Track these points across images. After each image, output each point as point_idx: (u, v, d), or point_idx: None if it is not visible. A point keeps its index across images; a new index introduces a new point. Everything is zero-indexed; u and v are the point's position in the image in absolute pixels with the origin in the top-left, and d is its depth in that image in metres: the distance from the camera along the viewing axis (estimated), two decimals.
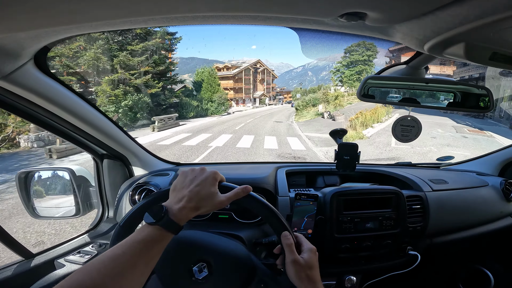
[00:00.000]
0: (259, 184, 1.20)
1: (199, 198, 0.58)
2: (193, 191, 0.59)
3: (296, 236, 0.68)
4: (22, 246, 1.04)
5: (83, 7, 0.45)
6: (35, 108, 0.85)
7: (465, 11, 0.43)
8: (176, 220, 0.55)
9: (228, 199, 0.62)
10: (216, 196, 0.61)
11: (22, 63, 0.71)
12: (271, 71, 70.66)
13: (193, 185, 0.60)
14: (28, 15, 0.46)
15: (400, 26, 0.56)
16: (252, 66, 57.69)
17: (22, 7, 0.42)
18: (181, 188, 0.61)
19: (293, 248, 0.62)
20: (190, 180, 0.61)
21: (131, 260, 0.48)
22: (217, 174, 0.64)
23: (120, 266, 0.47)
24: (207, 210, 0.60)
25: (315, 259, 0.64)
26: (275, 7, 0.49)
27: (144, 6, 0.46)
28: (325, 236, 1.08)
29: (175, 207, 0.56)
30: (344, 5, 0.47)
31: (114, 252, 0.49)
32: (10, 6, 0.41)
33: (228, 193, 0.63)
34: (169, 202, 0.59)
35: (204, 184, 0.60)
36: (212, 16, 0.53)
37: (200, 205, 0.58)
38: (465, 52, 0.58)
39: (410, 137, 1.02)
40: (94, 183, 1.27)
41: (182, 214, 0.56)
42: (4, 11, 0.43)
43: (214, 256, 0.73)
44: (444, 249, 1.36)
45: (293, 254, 0.61)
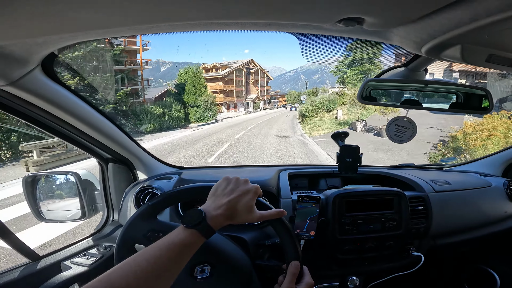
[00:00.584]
0: (263, 187, 1.20)
1: (236, 209, 0.60)
2: (232, 201, 0.60)
3: (304, 268, 0.69)
4: (29, 248, 1.06)
5: (90, 15, 0.46)
6: (42, 113, 0.87)
7: (459, 14, 0.44)
8: (212, 225, 0.56)
9: (261, 217, 0.63)
10: (253, 210, 0.62)
11: (30, 69, 0.73)
12: (265, 72, 64.88)
13: (234, 195, 0.61)
14: (36, 22, 0.48)
15: (397, 30, 0.58)
16: (244, 66, 51.56)
17: (30, 15, 0.44)
18: (222, 195, 0.62)
19: (294, 278, 0.63)
20: (232, 189, 0.62)
21: (167, 263, 0.49)
22: (258, 189, 0.65)
23: (156, 269, 0.47)
24: (239, 222, 0.61)
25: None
26: (275, 14, 0.51)
27: (149, 14, 0.48)
28: (328, 237, 1.09)
29: (213, 213, 0.57)
30: (341, 11, 0.48)
31: (151, 254, 0.49)
32: (19, 13, 0.42)
33: (264, 211, 0.64)
34: (207, 206, 0.60)
35: (244, 196, 0.61)
36: (214, 23, 0.55)
37: (235, 216, 0.60)
38: (462, 54, 0.59)
39: (403, 138, 1.02)
40: (99, 186, 1.29)
41: (218, 221, 0.57)
42: (13, 19, 0.44)
43: (218, 260, 0.74)
44: (448, 250, 1.36)
45: (290, 283, 0.62)
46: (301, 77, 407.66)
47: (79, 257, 1.15)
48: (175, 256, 0.50)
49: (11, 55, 0.64)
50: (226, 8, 0.48)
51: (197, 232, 0.54)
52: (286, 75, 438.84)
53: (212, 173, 1.51)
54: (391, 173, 1.47)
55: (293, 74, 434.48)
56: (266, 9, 0.48)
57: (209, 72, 46.06)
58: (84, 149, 1.13)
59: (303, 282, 0.64)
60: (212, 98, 30.83)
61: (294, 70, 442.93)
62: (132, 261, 0.47)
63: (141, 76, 25.33)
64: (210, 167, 1.79)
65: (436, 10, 0.46)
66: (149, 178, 1.36)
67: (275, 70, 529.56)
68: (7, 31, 0.50)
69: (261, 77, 61.09)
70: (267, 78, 67.42)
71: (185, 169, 1.56)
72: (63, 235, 3.92)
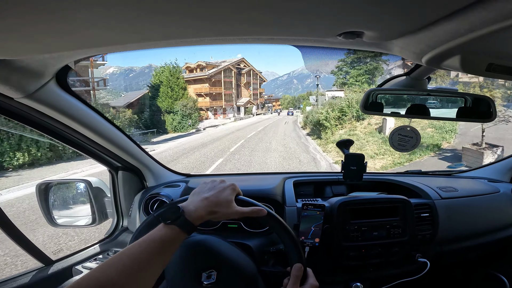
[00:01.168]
0: (267, 195, 1.23)
1: (216, 203, 0.62)
2: (211, 198, 0.63)
3: (308, 270, 0.70)
4: (42, 252, 1.09)
5: (103, 32, 0.49)
6: (55, 123, 0.91)
7: (455, 26, 0.45)
8: (191, 219, 0.58)
9: (242, 213, 0.65)
10: (232, 205, 0.64)
11: (45, 82, 0.76)
12: (259, 73, 55.65)
13: (213, 191, 0.64)
14: (53, 39, 0.50)
15: (396, 41, 0.59)
16: (234, 66, 44.39)
17: (48, 32, 0.47)
18: (200, 192, 0.65)
19: (298, 281, 0.64)
20: (210, 188, 0.66)
21: (148, 258, 0.51)
22: (235, 185, 0.68)
23: (137, 264, 0.49)
24: (220, 217, 0.63)
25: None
26: (276, 30, 0.53)
27: (156, 32, 0.51)
28: (333, 244, 1.09)
29: (192, 209, 0.59)
30: (341, 25, 0.50)
31: (132, 250, 0.51)
32: (38, 30, 0.45)
33: (244, 208, 0.66)
34: (186, 203, 0.62)
35: (222, 192, 0.65)
36: (219, 39, 0.58)
37: (216, 210, 0.62)
38: (462, 64, 0.60)
39: (407, 147, 1.03)
40: (110, 194, 1.33)
41: (197, 214, 0.59)
42: (32, 35, 0.47)
43: (225, 266, 0.76)
44: (455, 256, 1.34)
45: (294, 285, 0.63)
46: (294, 81, 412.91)
47: (89, 262, 1.19)
48: (156, 251, 0.52)
49: (27, 68, 0.68)
50: (232, 26, 0.50)
51: (176, 227, 0.56)
52: (279, 80, 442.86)
53: None
54: (396, 180, 1.47)
55: (285, 78, 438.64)
56: (269, 27, 0.51)
57: (193, 72, 40.11)
58: (95, 158, 1.16)
59: (307, 284, 0.66)
60: (193, 102, 25.41)
61: (286, 75, 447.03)
62: (115, 258, 0.49)
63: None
64: (217, 175, 1.81)
65: (433, 22, 0.47)
66: (157, 185, 1.40)
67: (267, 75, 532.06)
68: (26, 46, 0.53)
69: (254, 79, 53.15)
70: (260, 80, 58.72)
71: (192, 176, 1.59)
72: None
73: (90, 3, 0.37)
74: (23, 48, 0.54)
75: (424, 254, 1.18)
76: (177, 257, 0.73)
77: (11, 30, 0.44)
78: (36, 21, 0.41)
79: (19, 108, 0.79)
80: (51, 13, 0.39)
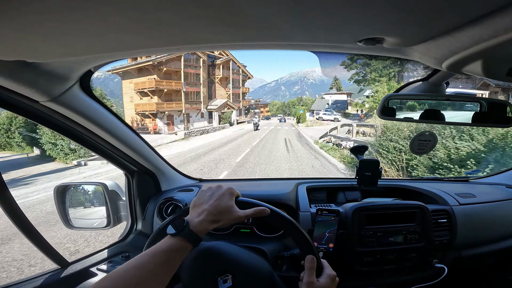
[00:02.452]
0: (281, 201, 1.24)
1: (217, 211, 0.63)
2: (212, 205, 0.64)
3: (322, 261, 0.70)
4: (59, 254, 1.11)
5: (129, 36, 0.51)
6: (77, 127, 0.93)
7: (479, 31, 0.45)
8: (196, 231, 0.59)
9: (246, 215, 0.66)
10: (234, 209, 0.65)
11: (69, 86, 0.78)
12: (242, 66, 40.98)
13: (211, 200, 0.65)
14: (85, 42, 0.52)
15: (417, 46, 0.58)
16: (204, 52, 28.02)
17: (81, 35, 0.48)
18: (200, 204, 0.66)
19: (313, 272, 0.65)
20: (209, 196, 0.67)
21: (154, 269, 0.52)
22: (232, 189, 0.69)
23: (144, 274, 0.51)
24: (225, 223, 0.64)
25: (331, 285, 0.65)
26: (297, 36, 0.54)
27: (182, 37, 0.52)
28: (347, 250, 1.09)
29: (195, 220, 0.61)
30: (362, 32, 0.50)
31: (139, 261, 0.53)
32: (70, 33, 0.47)
33: (247, 210, 0.67)
34: (190, 216, 0.64)
35: (221, 198, 0.65)
36: (238, 44, 0.58)
37: (219, 218, 0.63)
38: (483, 69, 0.59)
39: (426, 150, 1.04)
40: (125, 197, 1.35)
41: (202, 226, 0.60)
42: (64, 38, 0.49)
43: (239, 269, 0.76)
44: (473, 262, 1.32)
45: (310, 277, 0.64)
46: (282, 88, 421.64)
47: (104, 264, 1.20)
48: (161, 262, 0.54)
49: (54, 72, 0.70)
50: (255, 32, 0.51)
51: (181, 238, 0.57)
52: (267, 86, 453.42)
53: (234, 186, 1.53)
54: (412, 186, 1.45)
55: (273, 85, 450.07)
56: (290, 33, 0.52)
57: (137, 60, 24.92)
58: (112, 161, 1.19)
59: (324, 274, 0.66)
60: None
61: (274, 81, 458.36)
62: (123, 268, 0.51)
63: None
64: (230, 180, 1.81)
65: (457, 28, 0.47)
66: (171, 189, 1.41)
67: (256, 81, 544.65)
68: (58, 49, 0.55)
69: (235, 74, 39.16)
70: (244, 75, 42.85)
71: (204, 181, 1.60)
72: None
73: (128, 7, 0.38)
74: (55, 51, 0.55)
75: (441, 259, 1.18)
76: (189, 265, 0.73)
77: (47, 33, 0.45)
78: (72, 24, 0.42)
79: (43, 111, 0.81)
80: (87, 16, 0.40)
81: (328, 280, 0.65)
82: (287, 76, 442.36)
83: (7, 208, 0.86)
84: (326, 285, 0.64)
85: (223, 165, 9.94)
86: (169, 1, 0.37)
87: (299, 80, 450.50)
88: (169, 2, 0.37)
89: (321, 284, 0.64)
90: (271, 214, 0.69)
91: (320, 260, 0.69)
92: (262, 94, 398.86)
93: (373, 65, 23.05)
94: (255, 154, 12.05)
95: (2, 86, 0.67)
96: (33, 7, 0.36)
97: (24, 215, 0.95)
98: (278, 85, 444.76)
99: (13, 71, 0.62)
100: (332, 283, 0.65)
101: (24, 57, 0.58)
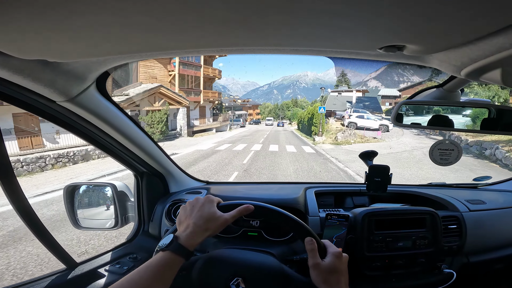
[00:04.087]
0: (291, 205, 1.24)
1: (203, 220, 0.65)
2: (195, 217, 0.66)
3: (323, 242, 0.71)
4: (68, 255, 1.11)
5: (156, 38, 0.51)
6: (90, 127, 0.94)
7: (501, 40, 0.45)
8: (186, 245, 0.61)
9: (231, 216, 0.68)
10: (218, 215, 0.67)
11: (86, 86, 0.79)
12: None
13: (194, 213, 0.67)
14: (108, 43, 0.52)
15: (437, 54, 0.59)
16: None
17: (104, 37, 0.48)
18: (185, 219, 0.68)
19: (315, 253, 0.66)
20: (190, 209, 0.69)
21: (146, 283, 0.55)
22: (211, 197, 0.72)
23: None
24: (215, 229, 0.66)
25: (338, 263, 0.66)
26: (317, 42, 0.54)
27: (206, 41, 0.53)
28: (356, 254, 1.08)
29: (183, 235, 0.63)
30: (384, 39, 0.50)
31: (132, 277, 0.55)
32: (94, 35, 0.47)
33: (232, 211, 0.69)
34: (178, 232, 0.66)
35: (202, 208, 0.68)
36: (260, 49, 0.59)
37: (206, 227, 0.65)
38: (502, 77, 0.59)
39: (450, 160, 1.02)
40: (133, 198, 1.35)
41: (191, 239, 0.63)
42: (87, 39, 0.49)
43: (248, 270, 0.76)
44: (482, 267, 1.32)
45: (313, 259, 0.65)
46: (274, 92, 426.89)
47: (112, 265, 1.20)
48: (153, 276, 0.56)
49: (73, 72, 0.71)
50: (274, 38, 0.51)
51: (171, 252, 0.60)
52: (259, 90, 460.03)
53: (242, 189, 1.54)
54: (421, 192, 1.45)
55: (266, 88, 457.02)
56: (314, 40, 0.52)
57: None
58: (123, 162, 1.19)
59: (328, 254, 0.67)
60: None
61: (267, 85, 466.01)
62: (117, 285, 0.54)
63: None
64: (238, 183, 1.81)
65: (479, 37, 0.47)
66: (180, 191, 1.42)
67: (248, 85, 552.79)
68: (81, 49, 0.55)
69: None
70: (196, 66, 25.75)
71: (212, 183, 1.60)
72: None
73: (156, 10, 0.38)
74: (78, 51, 0.56)
75: (450, 265, 1.18)
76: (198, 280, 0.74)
77: (74, 34, 0.46)
78: (100, 25, 0.43)
79: (59, 111, 0.82)
80: (115, 16, 0.40)
81: (333, 258, 0.66)
82: (279, 80, 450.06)
83: (18, 206, 0.86)
84: (332, 264, 0.65)
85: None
86: (196, 4, 0.37)
87: (292, 84, 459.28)
88: (196, 4, 0.37)
89: (327, 263, 0.64)
90: (256, 209, 0.70)
91: (320, 241, 0.69)
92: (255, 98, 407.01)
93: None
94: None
95: (20, 86, 0.67)
96: (64, 8, 0.36)
97: (34, 214, 0.95)
98: (270, 88, 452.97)
99: (32, 70, 0.63)
100: (339, 260, 0.66)
101: (46, 57, 0.58)
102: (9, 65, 0.58)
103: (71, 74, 0.70)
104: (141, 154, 1.17)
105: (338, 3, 0.36)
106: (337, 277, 0.64)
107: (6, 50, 0.51)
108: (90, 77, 0.76)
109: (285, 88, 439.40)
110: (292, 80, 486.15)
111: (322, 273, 0.63)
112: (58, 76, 0.68)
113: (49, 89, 0.70)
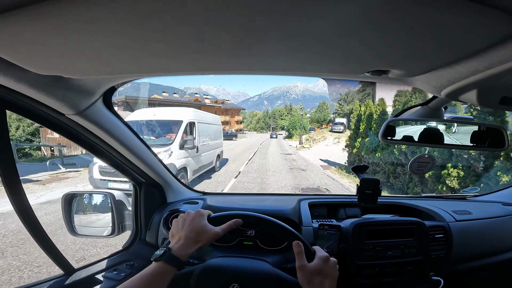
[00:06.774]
0: (285, 215, 1.28)
1: (194, 233, 0.70)
2: (187, 230, 0.71)
3: (313, 248, 0.75)
4: (66, 260, 1.12)
5: (167, 61, 0.55)
6: (94, 139, 0.98)
7: (475, 63, 0.50)
8: (178, 256, 0.65)
9: (222, 230, 0.73)
10: (208, 228, 0.72)
11: (94, 100, 0.83)
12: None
13: (185, 226, 0.72)
14: (123, 64, 0.56)
15: (419, 76, 0.64)
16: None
17: (120, 58, 0.52)
18: (177, 232, 0.73)
19: (302, 256, 0.69)
20: (182, 223, 0.74)
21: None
22: (201, 210, 0.77)
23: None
24: (207, 241, 0.70)
25: (323, 266, 0.69)
26: (309, 67, 0.60)
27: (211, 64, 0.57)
28: (347, 263, 1.12)
29: (175, 246, 0.68)
30: (370, 65, 0.56)
31: (127, 285, 0.59)
32: (111, 56, 0.50)
33: (223, 225, 0.74)
34: (171, 244, 0.70)
35: (193, 222, 0.72)
36: (257, 72, 0.64)
37: (198, 239, 0.70)
38: (478, 97, 0.64)
39: (425, 171, 1.10)
40: (131, 207, 1.38)
41: (183, 251, 0.67)
42: (104, 59, 0.52)
43: (244, 277, 0.79)
44: (469, 275, 1.36)
45: (300, 261, 0.69)
46: (264, 102, 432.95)
47: (109, 272, 1.22)
48: (147, 284, 0.60)
49: (83, 87, 0.74)
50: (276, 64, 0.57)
51: (164, 262, 0.63)
52: (250, 101, 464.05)
53: (238, 200, 1.57)
54: (410, 203, 1.50)
55: (256, 99, 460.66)
56: (310, 66, 0.57)
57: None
58: (123, 172, 1.22)
59: (316, 257, 0.71)
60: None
61: (257, 96, 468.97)
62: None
63: None
64: (234, 194, 1.84)
65: (456, 60, 0.52)
66: (177, 201, 1.45)
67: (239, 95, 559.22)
68: (97, 68, 0.58)
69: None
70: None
71: (208, 194, 1.64)
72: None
73: (173, 37, 0.42)
74: (93, 69, 0.59)
75: (438, 272, 1.21)
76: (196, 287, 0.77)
77: (92, 54, 0.49)
78: (117, 47, 0.46)
79: (67, 124, 0.86)
80: (134, 41, 0.43)
81: (319, 261, 0.69)
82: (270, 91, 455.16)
83: (19, 208, 0.88)
84: (317, 266, 0.68)
85: None
86: (205, 34, 0.41)
87: (282, 95, 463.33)
88: (206, 34, 0.41)
89: (312, 266, 0.68)
90: (247, 219, 0.75)
91: (308, 246, 0.73)
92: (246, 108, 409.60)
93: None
94: None
95: (33, 99, 0.71)
96: (87, 30, 0.40)
97: (35, 217, 0.96)
98: (261, 99, 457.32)
99: (47, 84, 0.66)
100: (324, 263, 0.69)
101: (62, 73, 0.61)
102: (26, 79, 0.61)
103: (81, 88, 0.74)
104: (141, 165, 1.20)
105: (330, 35, 0.41)
106: (321, 279, 0.67)
107: (27, 66, 0.54)
108: (98, 92, 0.80)
109: (275, 99, 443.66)
110: (283, 91, 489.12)
111: (307, 274, 0.67)
112: (68, 91, 0.72)
113: (60, 102, 0.73)
